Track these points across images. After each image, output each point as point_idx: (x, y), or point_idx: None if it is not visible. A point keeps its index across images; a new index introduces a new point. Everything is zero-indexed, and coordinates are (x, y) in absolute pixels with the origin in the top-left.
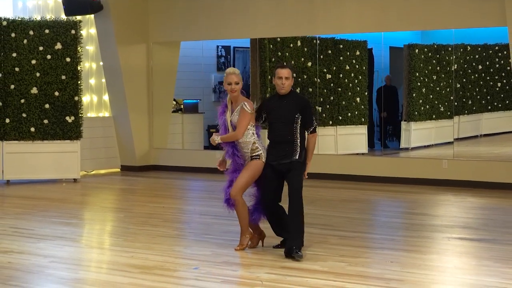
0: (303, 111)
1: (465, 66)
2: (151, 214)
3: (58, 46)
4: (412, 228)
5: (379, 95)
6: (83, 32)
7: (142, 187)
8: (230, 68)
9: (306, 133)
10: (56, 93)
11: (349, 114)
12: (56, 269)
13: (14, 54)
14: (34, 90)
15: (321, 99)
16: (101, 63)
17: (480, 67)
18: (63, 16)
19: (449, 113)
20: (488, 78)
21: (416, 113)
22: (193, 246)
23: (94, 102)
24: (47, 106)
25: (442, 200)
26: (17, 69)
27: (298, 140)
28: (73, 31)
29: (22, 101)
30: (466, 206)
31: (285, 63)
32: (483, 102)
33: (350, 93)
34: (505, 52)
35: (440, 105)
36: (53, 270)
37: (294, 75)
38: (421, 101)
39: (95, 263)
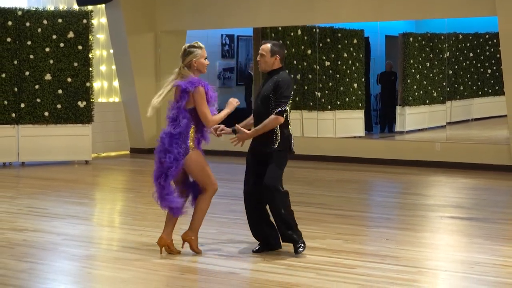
0: (274, 89)
1: (457, 53)
2: None
3: (71, 34)
4: (406, 207)
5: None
6: (95, 22)
7: (151, 168)
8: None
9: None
10: (69, 79)
11: (347, 99)
12: (68, 246)
13: (29, 42)
14: (48, 77)
15: (320, 85)
16: (112, 51)
17: (471, 54)
18: (75, 6)
19: (441, 98)
20: (478, 65)
21: (411, 98)
22: None
23: (104, 87)
24: (60, 91)
25: (435, 181)
26: (31, 56)
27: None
28: (85, 21)
29: (37, 87)
30: (457, 186)
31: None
32: (474, 87)
33: (347, 79)
34: (495, 41)
35: (433, 91)
36: (66, 247)
37: (278, 55)
38: (415, 87)
39: (105, 240)
